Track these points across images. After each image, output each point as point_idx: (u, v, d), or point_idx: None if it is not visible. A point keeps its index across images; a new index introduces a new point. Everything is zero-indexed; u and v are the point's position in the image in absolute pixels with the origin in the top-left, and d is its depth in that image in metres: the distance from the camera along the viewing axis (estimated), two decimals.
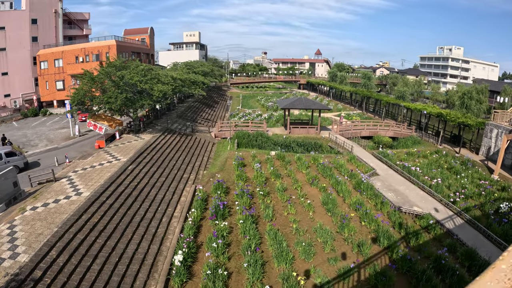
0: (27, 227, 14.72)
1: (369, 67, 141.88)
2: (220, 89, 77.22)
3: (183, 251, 12.23)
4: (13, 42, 39.19)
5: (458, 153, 29.27)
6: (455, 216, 16.98)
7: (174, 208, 16.95)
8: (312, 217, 15.42)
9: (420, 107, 37.03)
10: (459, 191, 19.46)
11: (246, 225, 13.87)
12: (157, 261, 13.20)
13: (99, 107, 25.08)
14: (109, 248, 13.59)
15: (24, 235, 14.11)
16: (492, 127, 27.56)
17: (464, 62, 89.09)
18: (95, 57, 40.46)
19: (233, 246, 13.35)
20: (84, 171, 19.97)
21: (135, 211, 16.12)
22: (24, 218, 15.43)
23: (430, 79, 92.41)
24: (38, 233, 14.14)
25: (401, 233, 14.56)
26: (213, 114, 44.72)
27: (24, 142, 29.32)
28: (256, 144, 28.08)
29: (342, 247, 13.16)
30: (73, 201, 16.54)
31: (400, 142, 33.49)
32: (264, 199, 17.12)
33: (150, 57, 59.85)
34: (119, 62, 24.90)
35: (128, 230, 14.82)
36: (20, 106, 40.42)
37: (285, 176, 20.89)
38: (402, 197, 18.86)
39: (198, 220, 15.32)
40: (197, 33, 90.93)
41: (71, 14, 49.56)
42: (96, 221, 15.16)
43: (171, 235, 14.87)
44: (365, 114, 49.89)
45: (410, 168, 23.11)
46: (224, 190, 18.03)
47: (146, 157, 21.96)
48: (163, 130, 28.71)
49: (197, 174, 21.63)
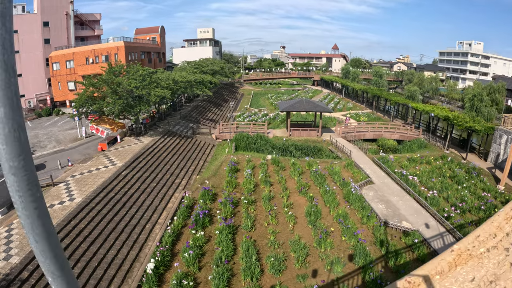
0: (22, 231, 15.66)
1: (387, 61, 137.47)
2: (233, 86, 77.41)
3: (155, 259, 12.67)
4: (26, 44, 41.04)
5: (465, 159, 28.04)
6: (446, 234, 15.89)
7: (160, 214, 17.41)
8: (292, 229, 15.39)
9: (428, 109, 35.62)
10: (456, 205, 18.50)
11: (222, 235, 14.07)
12: (133, 267, 13.74)
13: (100, 111, 25.91)
14: (90, 253, 14.28)
15: (19, 238, 15.09)
16: (501, 133, 26.22)
17: (484, 57, 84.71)
18: (105, 58, 41.68)
19: (207, 256, 13.63)
20: (81, 176, 20.80)
21: (121, 217, 16.70)
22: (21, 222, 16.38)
23: (449, 75, 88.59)
24: None
25: (382, 251, 14.16)
26: (219, 114, 44.99)
27: (35, 143, 30.75)
28: (255, 147, 28.08)
29: (315, 263, 13.09)
30: (65, 206, 17.34)
31: (405, 145, 32.39)
32: (248, 208, 17.23)
33: (161, 55, 60.91)
34: (119, 68, 25.57)
35: (111, 236, 15.41)
36: (35, 106, 42.45)
37: (276, 183, 20.87)
38: (392, 210, 18.14)
39: (179, 228, 15.69)
40: (211, 29, 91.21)
41: (82, 16, 51.12)
42: (83, 226, 15.86)
43: (151, 241, 15.34)
44: (375, 114, 48.63)
45: (408, 177, 22.35)
46: (211, 197, 18.28)
47: (142, 162, 22.57)
48: (164, 133, 29.31)
49: (189, 179, 22.02)
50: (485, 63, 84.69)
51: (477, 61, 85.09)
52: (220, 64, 63.10)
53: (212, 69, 53.47)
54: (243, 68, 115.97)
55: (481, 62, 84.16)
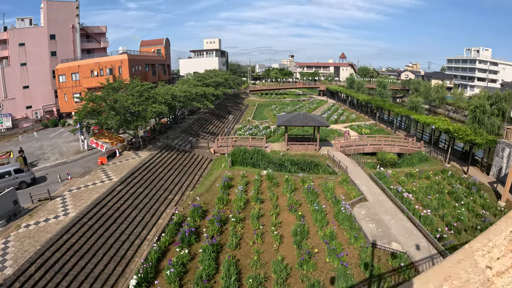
0: (17, 243, 16.29)
1: (395, 70, 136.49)
2: (238, 97, 78.09)
3: (138, 276, 12.93)
4: (33, 57, 42.75)
5: (466, 173, 27.41)
6: (437, 256, 15.17)
7: (149, 230, 17.70)
8: (277, 249, 15.41)
9: (430, 121, 35.12)
10: (450, 224, 17.96)
11: (205, 254, 14.21)
12: (118, 282, 14.07)
13: (100, 126, 26.62)
14: (79, 267, 14.74)
15: (14, 251, 15.72)
16: (504, 146, 25.64)
17: (492, 64, 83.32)
18: (109, 71, 42.90)
19: (190, 274, 13.79)
20: (77, 191, 21.34)
21: (111, 233, 17.07)
22: (18, 235, 16.98)
23: (457, 83, 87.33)
24: (25, 250, 15.67)
25: (366, 275, 13.96)
26: (221, 127, 45.37)
27: (39, 155, 31.69)
28: (251, 162, 28.25)
29: (295, 286, 13.06)
30: (60, 221, 17.83)
31: (406, 159, 31.94)
32: (236, 226, 17.34)
33: (165, 67, 62.22)
34: (118, 83, 26.31)
35: (100, 251, 15.78)
36: (41, 117, 43.88)
37: (267, 200, 20.92)
38: (383, 230, 17.69)
39: (166, 245, 15.92)
40: (217, 40, 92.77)
41: (88, 28, 52.85)
42: (74, 241, 16.31)
43: (138, 257, 15.62)
44: (378, 125, 48.26)
45: (403, 194, 21.87)
46: (200, 214, 18.48)
47: (137, 177, 23.00)
48: (162, 147, 29.80)
49: (182, 195, 22.31)
50: (493, 70, 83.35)
51: (485, 68, 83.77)
52: (224, 75, 63.93)
53: (215, 81, 54.21)
54: (250, 78, 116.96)
55: (489, 69, 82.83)
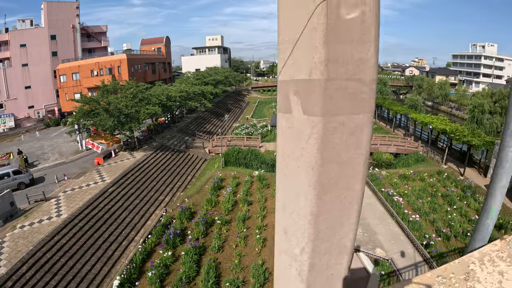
0: (12, 244, 16.98)
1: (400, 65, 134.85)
2: (239, 94, 78.06)
3: (121, 277, 13.40)
4: (34, 57, 43.56)
5: (463, 175, 27.06)
6: (422, 264, 14.88)
7: (137, 232, 18.17)
8: (258, 253, 15.71)
9: (427, 120, 34.75)
10: (440, 230, 17.44)
11: (187, 257, 14.60)
12: (103, 283, 14.62)
13: (97, 127, 27.16)
14: (67, 267, 15.36)
15: (8, 251, 16.42)
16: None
17: (498, 60, 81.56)
18: (108, 71, 43.47)
19: (172, 276, 14.21)
20: (72, 192, 21.91)
21: (100, 234, 17.59)
22: (13, 235, 17.66)
23: (462, 79, 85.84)
24: (18, 250, 16.35)
25: None
26: (220, 126, 45.53)
27: (39, 155, 32.46)
28: (244, 162, 28.47)
29: None
30: (52, 222, 18.42)
31: (402, 159, 31.72)
32: (222, 228, 17.68)
33: (166, 65, 62.53)
34: (112, 85, 26.74)
35: (89, 252, 16.34)
36: (43, 116, 44.77)
37: (256, 201, 21.16)
38: (369, 235, 17.45)
39: (152, 246, 16.37)
40: (219, 37, 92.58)
41: (88, 28, 53.42)
42: (64, 242, 16.88)
43: (124, 258, 16.12)
44: (377, 123, 47.96)
45: (393, 198, 21.58)
46: (188, 216, 18.86)
47: (130, 178, 23.48)
48: (157, 147, 30.24)
49: (173, 196, 22.72)
50: (499, 66, 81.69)
51: (490, 63, 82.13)
52: (224, 73, 63.85)
53: (214, 79, 54.26)
54: (253, 75, 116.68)
55: (494, 65, 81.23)
